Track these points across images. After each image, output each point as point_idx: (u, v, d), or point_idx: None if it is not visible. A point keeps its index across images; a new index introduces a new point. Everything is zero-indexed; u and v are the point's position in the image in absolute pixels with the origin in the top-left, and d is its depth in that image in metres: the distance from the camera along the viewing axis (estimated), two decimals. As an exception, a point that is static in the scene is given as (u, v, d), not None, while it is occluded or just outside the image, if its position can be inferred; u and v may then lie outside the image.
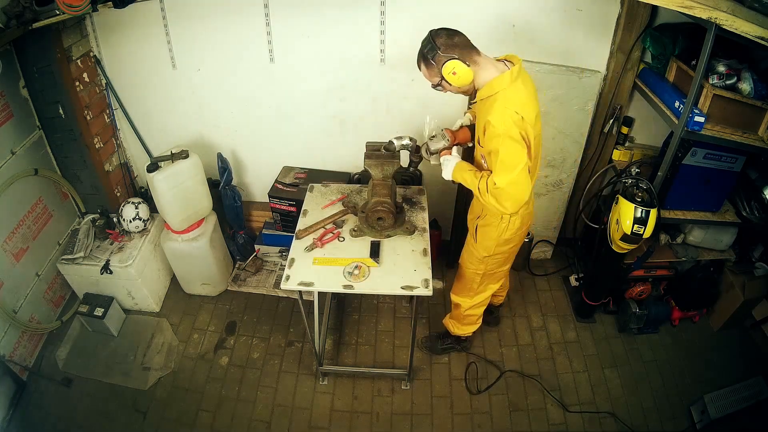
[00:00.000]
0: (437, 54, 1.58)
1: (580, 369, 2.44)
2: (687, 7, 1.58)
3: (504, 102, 1.56)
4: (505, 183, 1.58)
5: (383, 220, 1.97)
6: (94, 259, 2.46)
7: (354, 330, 2.60)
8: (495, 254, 1.96)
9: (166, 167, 2.31)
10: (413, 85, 2.43)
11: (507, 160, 1.56)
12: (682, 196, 2.20)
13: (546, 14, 2.19)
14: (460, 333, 2.32)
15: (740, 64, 1.90)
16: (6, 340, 2.24)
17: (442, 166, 1.86)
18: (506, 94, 1.58)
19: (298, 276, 1.83)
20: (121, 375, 2.38)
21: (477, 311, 2.22)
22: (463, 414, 2.26)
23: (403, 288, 1.79)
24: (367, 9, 2.23)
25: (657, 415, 2.26)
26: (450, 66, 1.58)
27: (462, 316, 2.25)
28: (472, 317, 2.24)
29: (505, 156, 1.56)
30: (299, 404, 2.28)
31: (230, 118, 2.66)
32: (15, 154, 2.26)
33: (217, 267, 2.69)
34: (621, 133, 2.49)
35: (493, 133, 1.56)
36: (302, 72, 2.45)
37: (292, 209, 2.61)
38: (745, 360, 2.47)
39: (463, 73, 1.59)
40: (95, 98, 2.52)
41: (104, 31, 2.41)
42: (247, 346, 2.52)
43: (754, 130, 1.93)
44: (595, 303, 2.59)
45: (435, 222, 2.86)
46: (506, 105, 1.55)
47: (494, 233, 1.89)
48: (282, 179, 2.68)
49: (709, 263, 2.50)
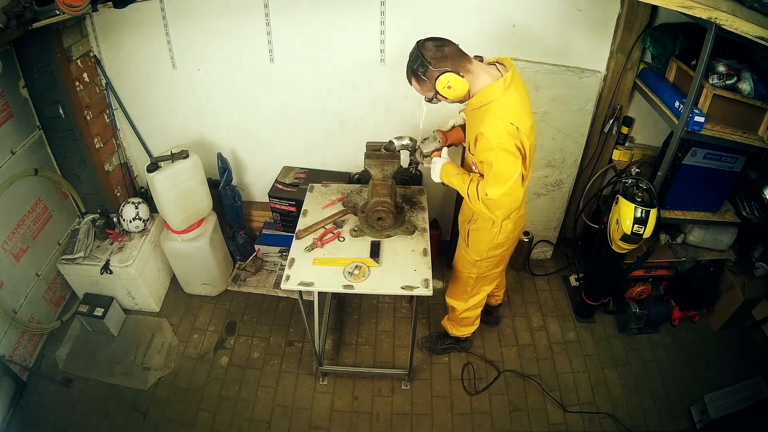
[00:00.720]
0: (428, 69, 1.51)
1: (580, 369, 2.44)
2: (687, 7, 1.58)
3: (497, 113, 1.51)
4: (498, 195, 1.55)
5: (383, 220, 1.97)
6: (94, 259, 2.46)
7: (354, 330, 2.60)
8: (487, 258, 1.94)
9: (166, 167, 2.31)
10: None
11: (502, 172, 1.53)
12: (682, 196, 2.20)
13: (546, 14, 2.19)
14: (458, 334, 2.32)
15: (740, 64, 1.90)
16: (6, 340, 2.24)
17: (431, 168, 1.84)
18: (500, 103, 1.53)
19: (298, 276, 1.83)
20: (121, 375, 2.38)
21: (473, 313, 2.21)
22: (463, 414, 2.26)
23: (403, 288, 1.79)
24: (367, 9, 2.22)
25: (657, 415, 2.26)
26: (444, 80, 1.51)
27: (458, 319, 2.25)
28: (469, 319, 2.24)
29: (500, 168, 1.52)
30: (299, 404, 2.28)
31: (230, 118, 2.66)
32: (15, 154, 2.26)
33: (217, 267, 2.69)
34: (621, 133, 2.49)
35: (486, 145, 1.52)
36: (302, 72, 2.45)
37: (292, 209, 2.61)
38: (745, 360, 2.47)
39: (458, 86, 1.53)
40: (95, 98, 2.52)
41: (104, 31, 2.41)
42: (247, 346, 2.52)
43: (754, 130, 1.93)
44: (595, 303, 2.59)
45: (435, 222, 2.86)
46: (500, 116, 1.50)
47: (486, 237, 1.87)
48: (282, 179, 2.68)
49: (709, 263, 2.50)
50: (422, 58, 1.51)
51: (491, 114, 1.52)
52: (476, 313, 2.23)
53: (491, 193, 1.56)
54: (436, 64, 1.51)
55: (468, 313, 2.20)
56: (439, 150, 1.87)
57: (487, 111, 1.54)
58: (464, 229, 1.98)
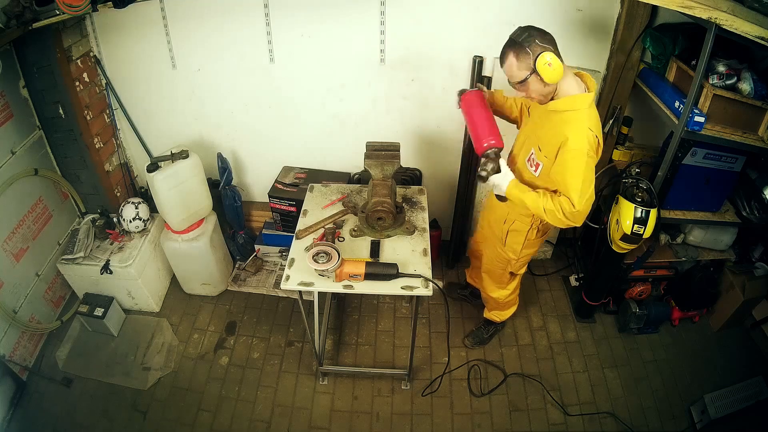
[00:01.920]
0: (534, 42, 1.47)
1: (580, 369, 2.44)
2: (687, 7, 1.58)
3: (586, 122, 1.54)
4: (583, 201, 1.56)
5: (383, 220, 1.97)
6: (94, 259, 2.45)
7: (354, 330, 2.60)
8: (521, 257, 2.06)
9: (166, 167, 2.31)
10: (413, 85, 2.43)
11: (588, 177, 1.56)
12: (682, 196, 2.20)
13: (546, 14, 2.18)
14: (504, 318, 2.43)
15: (740, 64, 1.90)
16: (6, 340, 2.24)
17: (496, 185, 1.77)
18: (588, 114, 1.56)
19: (298, 276, 1.83)
20: (121, 375, 2.38)
21: (514, 295, 2.33)
22: (463, 414, 2.26)
23: (403, 288, 1.78)
24: (367, 9, 2.22)
25: (657, 415, 2.26)
26: (546, 57, 1.45)
27: (503, 304, 2.35)
28: (511, 301, 2.36)
29: (587, 174, 1.55)
30: (299, 404, 2.28)
31: (230, 118, 2.66)
32: (15, 154, 2.26)
33: (217, 267, 2.69)
34: (621, 133, 2.49)
35: (575, 149, 1.53)
36: (302, 72, 2.45)
37: (292, 209, 2.61)
38: (745, 360, 2.47)
39: (557, 68, 1.47)
40: (95, 98, 2.52)
41: (104, 31, 2.41)
42: (247, 346, 2.52)
43: (754, 130, 1.93)
44: (595, 303, 2.58)
45: (435, 222, 2.86)
46: (588, 125, 1.53)
47: (522, 238, 1.96)
48: (282, 179, 2.68)
49: (709, 263, 2.50)
50: (529, 31, 1.49)
51: (580, 123, 1.54)
52: (517, 294, 2.35)
53: (577, 201, 1.56)
54: (542, 39, 1.48)
55: (511, 297, 2.31)
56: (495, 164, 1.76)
57: (573, 118, 1.56)
58: (502, 230, 2.01)
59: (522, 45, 1.48)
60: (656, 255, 2.42)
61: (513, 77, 1.56)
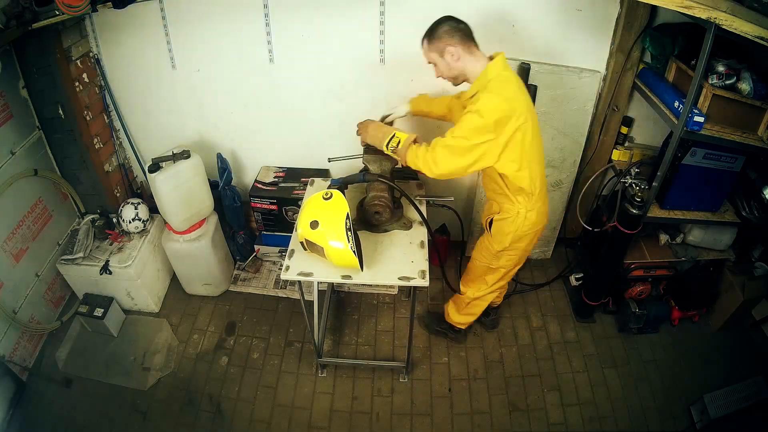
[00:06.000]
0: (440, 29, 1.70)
1: (579, 369, 2.44)
2: (686, 7, 1.58)
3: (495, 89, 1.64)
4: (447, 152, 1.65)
5: (380, 215, 1.99)
6: (94, 260, 2.45)
7: (353, 330, 2.60)
8: (509, 249, 1.97)
9: (167, 167, 2.31)
10: (413, 85, 2.43)
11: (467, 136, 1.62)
12: (682, 196, 2.20)
13: (545, 14, 2.19)
14: (455, 320, 2.36)
15: (740, 64, 1.90)
16: (6, 340, 2.24)
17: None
18: (497, 83, 1.66)
19: (298, 267, 1.86)
20: (121, 375, 2.38)
21: (479, 304, 2.25)
22: (463, 414, 2.26)
23: (401, 279, 1.81)
24: (366, 9, 2.22)
25: (657, 415, 2.26)
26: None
27: (464, 304, 2.27)
28: (472, 308, 2.27)
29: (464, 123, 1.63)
30: (299, 404, 2.28)
31: (230, 118, 2.65)
32: (15, 155, 2.26)
33: (219, 267, 2.69)
34: (621, 133, 2.49)
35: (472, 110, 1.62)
36: (302, 72, 2.45)
37: (273, 207, 2.62)
38: (745, 360, 2.47)
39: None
40: (95, 98, 2.52)
41: (104, 31, 2.40)
42: (247, 346, 2.52)
43: (754, 130, 1.94)
44: (595, 303, 2.59)
45: (444, 227, 2.86)
46: (498, 92, 1.63)
47: (510, 228, 1.90)
48: (262, 179, 2.70)
49: (708, 263, 2.50)
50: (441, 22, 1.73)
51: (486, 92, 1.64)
52: (481, 307, 2.27)
53: (442, 144, 1.65)
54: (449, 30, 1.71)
55: (475, 303, 2.24)
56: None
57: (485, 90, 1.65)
58: (486, 220, 2.02)
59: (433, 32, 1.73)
60: (656, 255, 2.42)
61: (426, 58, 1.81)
